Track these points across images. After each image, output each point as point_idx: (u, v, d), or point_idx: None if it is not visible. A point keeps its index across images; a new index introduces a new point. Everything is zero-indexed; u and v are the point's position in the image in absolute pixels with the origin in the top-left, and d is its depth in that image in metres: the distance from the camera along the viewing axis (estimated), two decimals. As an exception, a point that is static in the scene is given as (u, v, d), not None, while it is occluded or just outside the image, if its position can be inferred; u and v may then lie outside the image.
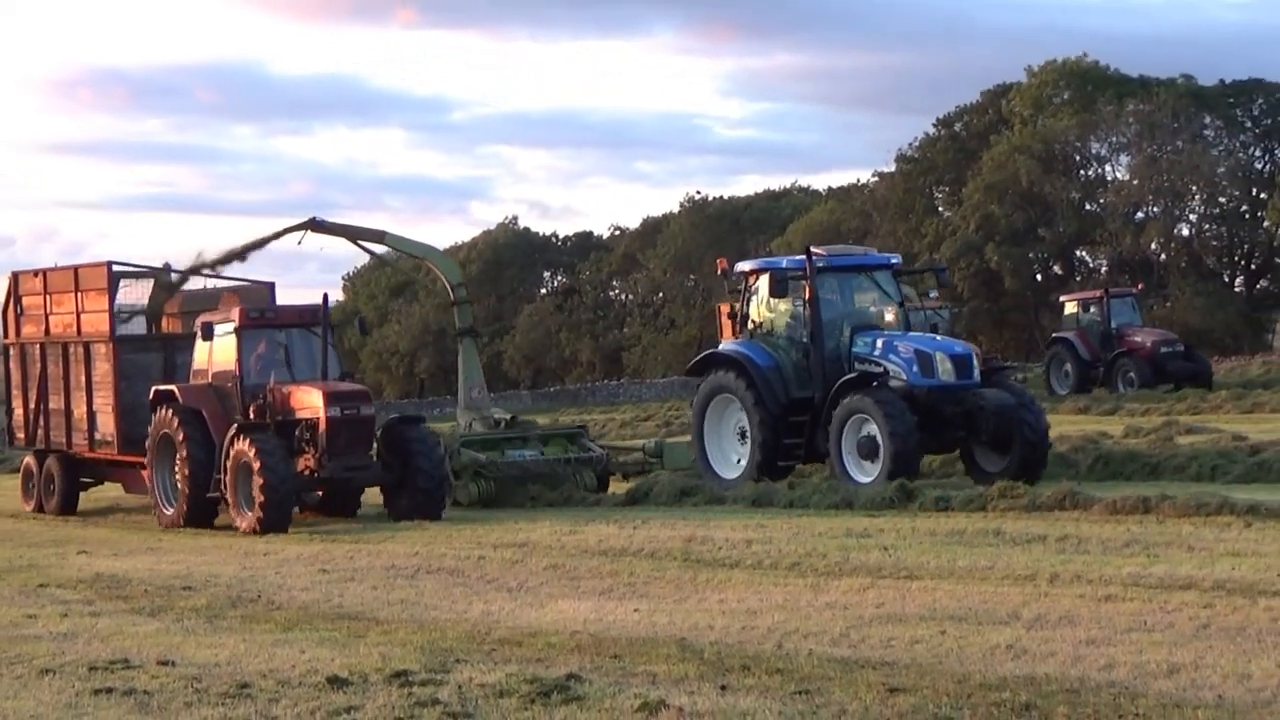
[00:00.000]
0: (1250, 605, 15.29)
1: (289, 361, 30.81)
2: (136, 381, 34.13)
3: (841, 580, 18.69)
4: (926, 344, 31.18)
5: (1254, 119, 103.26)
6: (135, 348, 35.51)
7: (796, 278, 31.77)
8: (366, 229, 39.18)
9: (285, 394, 29.94)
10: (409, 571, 22.06)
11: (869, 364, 30.75)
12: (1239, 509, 23.06)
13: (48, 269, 38.37)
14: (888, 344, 30.88)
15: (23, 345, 38.27)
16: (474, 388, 37.94)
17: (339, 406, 29.27)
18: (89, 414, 35.43)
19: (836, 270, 32.25)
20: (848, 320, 31.73)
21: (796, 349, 31.77)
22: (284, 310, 32.67)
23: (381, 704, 12.73)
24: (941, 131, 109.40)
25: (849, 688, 12.53)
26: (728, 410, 32.38)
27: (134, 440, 33.49)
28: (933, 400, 29.89)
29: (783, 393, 31.34)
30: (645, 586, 19.32)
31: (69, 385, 36.07)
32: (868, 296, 32.74)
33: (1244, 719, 10.96)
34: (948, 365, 30.31)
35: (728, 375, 32.02)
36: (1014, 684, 12.43)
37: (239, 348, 30.60)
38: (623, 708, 12.11)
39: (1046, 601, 16.26)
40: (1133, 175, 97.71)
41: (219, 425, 30.12)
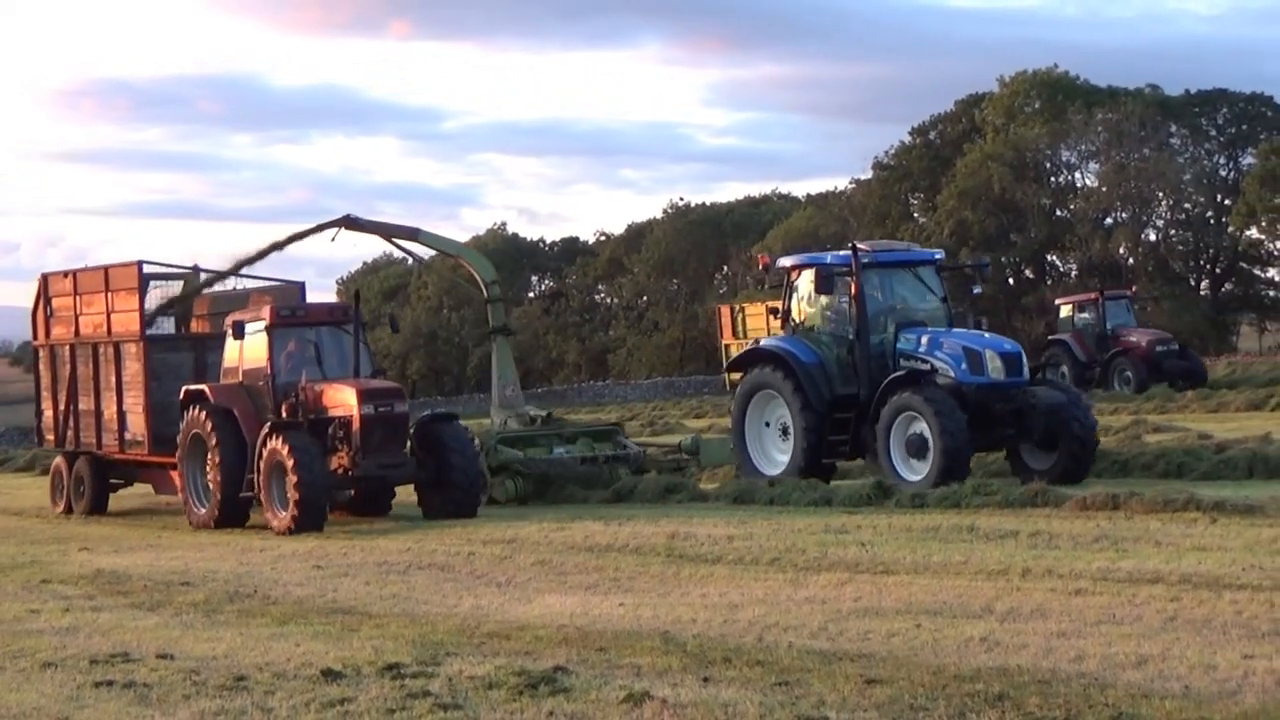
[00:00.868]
0: (1216, 598, 15.31)
1: (319, 359, 29.86)
2: (167, 381, 33.36)
3: (820, 575, 18.68)
4: (975, 341, 30.07)
5: (1219, 128, 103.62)
6: (165, 347, 34.80)
7: (842, 273, 30.43)
8: (400, 226, 38.12)
9: (318, 392, 29.03)
10: (401, 567, 22.04)
11: (914, 360, 29.68)
12: (1205, 505, 23.07)
13: (77, 270, 37.29)
14: (933, 340, 29.78)
15: (52, 346, 37.28)
16: (508, 385, 36.84)
17: (373, 404, 28.37)
18: (119, 414, 34.44)
19: (881, 266, 31.01)
20: (892, 316, 30.60)
21: (840, 345, 30.58)
22: (315, 308, 32.06)
23: (374, 696, 12.71)
24: (917, 140, 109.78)
25: (827, 679, 12.53)
26: (769, 407, 31.26)
27: (164, 440, 32.49)
28: (982, 398, 28.80)
29: (827, 389, 30.24)
30: (630, 581, 19.31)
31: (99, 386, 35.14)
32: (912, 292, 31.46)
33: (1210, 709, 10.96)
34: (997, 363, 29.26)
35: (771, 372, 30.92)
36: (987, 675, 12.43)
37: (270, 346, 29.67)
38: (608, 699, 12.10)
39: (1019, 595, 16.27)
40: (1101, 182, 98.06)
41: (251, 424, 29.24)
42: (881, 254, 31.31)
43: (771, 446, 31.32)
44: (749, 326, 64.28)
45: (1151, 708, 11.04)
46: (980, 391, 28.77)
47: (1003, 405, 29.04)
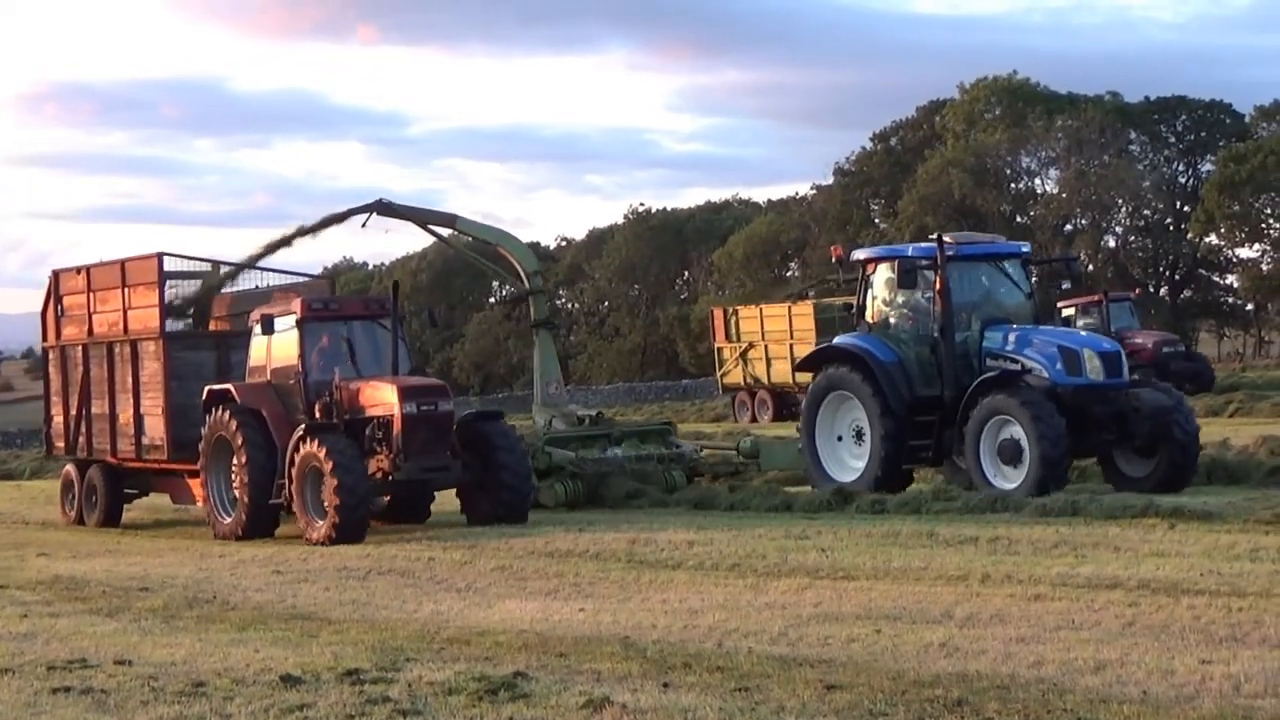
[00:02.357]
0: (1174, 604, 15.36)
1: (353, 356, 27.99)
2: (188, 381, 31.13)
3: (780, 581, 18.70)
4: (1071, 339, 28.48)
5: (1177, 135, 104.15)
6: (186, 345, 32.40)
7: (925, 267, 28.45)
8: (437, 212, 36.44)
9: (354, 390, 27.10)
10: (360, 573, 21.99)
11: (1002, 360, 27.85)
12: (1163, 511, 23.16)
13: (91, 265, 34.72)
14: (1021, 338, 27.95)
15: (63, 348, 34.96)
16: (551, 383, 35.20)
17: (415, 402, 26.42)
18: (136, 418, 32.11)
19: (966, 259, 29.00)
20: (976, 312, 28.73)
21: (921, 344, 28.68)
22: (349, 301, 30.53)
23: (333, 701, 12.68)
24: (878, 146, 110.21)
25: (787, 685, 12.54)
26: (842, 409, 29.28)
27: (185, 445, 30.51)
28: (1079, 400, 26.93)
29: (907, 391, 28.34)
30: (590, 587, 19.30)
31: (114, 388, 32.85)
32: (997, 287, 29.54)
33: (1167, 713, 11.00)
34: (1096, 363, 27.38)
35: (846, 372, 28.92)
36: (946, 681, 12.46)
37: (302, 342, 27.73)
38: (568, 705, 12.10)
39: (978, 601, 16.30)
40: (1061, 188, 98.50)
41: (281, 426, 27.36)
42: (967, 246, 29.52)
43: (845, 452, 29.45)
44: (742, 330, 64.33)
45: (1109, 713, 11.08)
46: (1078, 394, 27.03)
47: (1102, 408, 27.25)
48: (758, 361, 63.34)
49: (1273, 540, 19.55)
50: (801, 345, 60.73)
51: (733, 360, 64.50)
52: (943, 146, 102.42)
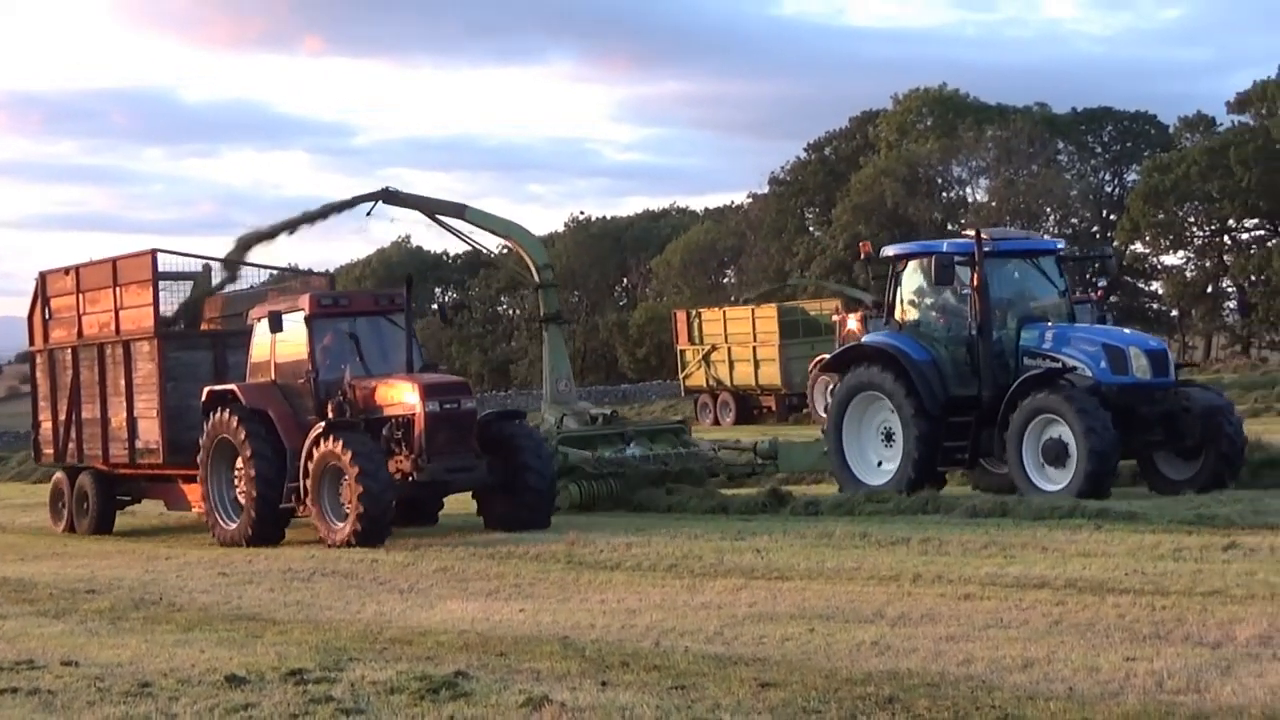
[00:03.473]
0: (1099, 602, 15.42)
1: (360, 353, 26.42)
2: (184, 383, 29.64)
3: (716, 581, 18.72)
4: (1115, 337, 27.34)
5: (1104, 145, 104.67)
6: (181, 345, 30.60)
7: (961, 263, 27.14)
8: (445, 201, 34.47)
9: (369, 389, 25.67)
10: (305, 574, 21.93)
11: (1041, 358, 26.66)
12: (1089, 512, 23.26)
13: (80, 265, 32.78)
14: (1059, 336, 26.82)
15: (51, 351, 33.03)
16: (561, 379, 33.86)
17: (438, 400, 24.98)
18: (129, 421, 30.50)
19: (1003, 255, 27.80)
20: (1012, 310, 27.51)
21: (955, 342, 27.49)
22: (359, 296, 28.78)
23: (277, 701, 12.64)
24: (813, 156, 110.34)
25: (723, 683, 12.55)
26: (870, 409, 28.03)
27: (181, 448, 28.96)
28: (1125, 400, 25.75)
29: (941, 390, 27.08)
30: (530, 587, 19.29)
31: (105, 391, 31.15)
32: (1033, 284, 28.32)
33: (1092, 709, 11.04)
34: (1143, 361, 26.21)
35: (877, 371, 27.59)
36: (878, 678, 12.48)
37: (311, 339, 26.26)
38: (508, 703, 12.08)
39: (909, 600, 16.35)
40: (991, 197, 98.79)
41: (289, 427, 25.96)
42: (1004, 242, 28.23)
43: (873, 454, 28.22)
44: (705, 332, 64.11)
45: (1037, 709, 11.12)
46: (1124, 392, 25.86)
47: (1149, 408, 26.12)
48: (720, 364, 63.09)
49: (1195, 540, 19.66)
50: (764, 347, 60.79)
51: (695, 363, 64.20)
52: (875, 156, 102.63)
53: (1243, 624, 13.76)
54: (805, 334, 60.94)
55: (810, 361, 57.23)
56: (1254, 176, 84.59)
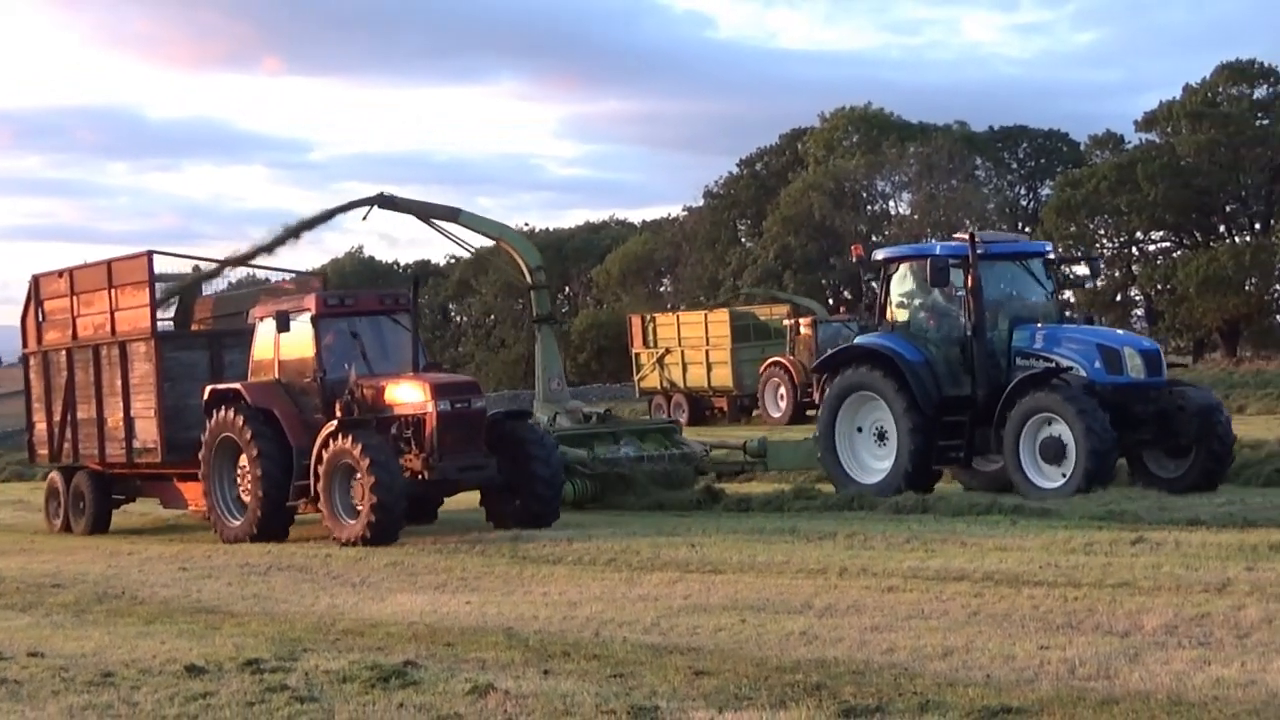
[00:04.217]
0: (1015, 594, 15.46)
1: (364, 352, 25.44)
2: (181, 382, 28.59)
3: (653, 574, 18.70)
4: (1109, 338, 26.91)
5: (1019, 161, 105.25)
6: (179, 345, 29.44)
7: (956, 265, 26.47)
8: (439, 206, 33.21)
9: (378, 388, 24.65)
10: (261, 569, 21.84)
11: (1033, 358, 26.00)
12: (1006, 508, 23.37)
13: (74, 267, 31.65)
14: (1050, 336, 26.19)
15: (45, 353, 31.76)
16: (553, 379, 32.59)
17: (449, 400, 24.12)
18: (126, 421, 29.34)
19: (995, 258, 26.99)
20: (1004, 311, 26.78)
21: (948, 343, 26.79)
22: (364, 296, 27.42)
23: (235, 690, 12.58)
24: (744, 171, 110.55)
25: (659, 671, 12.54)
26: (862, 409, 27.27)
27: (179, 447, 27.98)
28: (1120, 399, 25.12)
29: (935, 390, 26.37)
30: (476, 581, 19.25)
31: (101, 392, 29.95)
32: (1023, 286, 27.56)
33: (1009, 695, 11.07)
34: (1137, 361, 25.64)
35: (869, 372, 26.88)
36: (806, 667, 12.49)
37: (317, 338, 25.28)
38: (455, 691, 12.05)
39: (836, 592, 16.35)
40: (913, 210, 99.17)
41: (294, 426, 24.98)
42: (996, 245, 27.49)
43: (866, 453, 27.43)
44: (659, 336, 63.73)
45: (956, 695, 11.14)
46: (1118, 392, 25.26)
47: (1143, 407, 25.53)
48: (674, 366, 62.72)
49: (1105, 535, 19.73)
50: (717, 350, 60.54)
51: (650, 365, 63.90)
52: (804, 171, 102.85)
53: (1150, 614, 13.82)
54: (756, 338, 60.80)
55: (761, 364, 57.21)
56: (1160, 191, 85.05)
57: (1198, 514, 21.46)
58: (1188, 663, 11.80)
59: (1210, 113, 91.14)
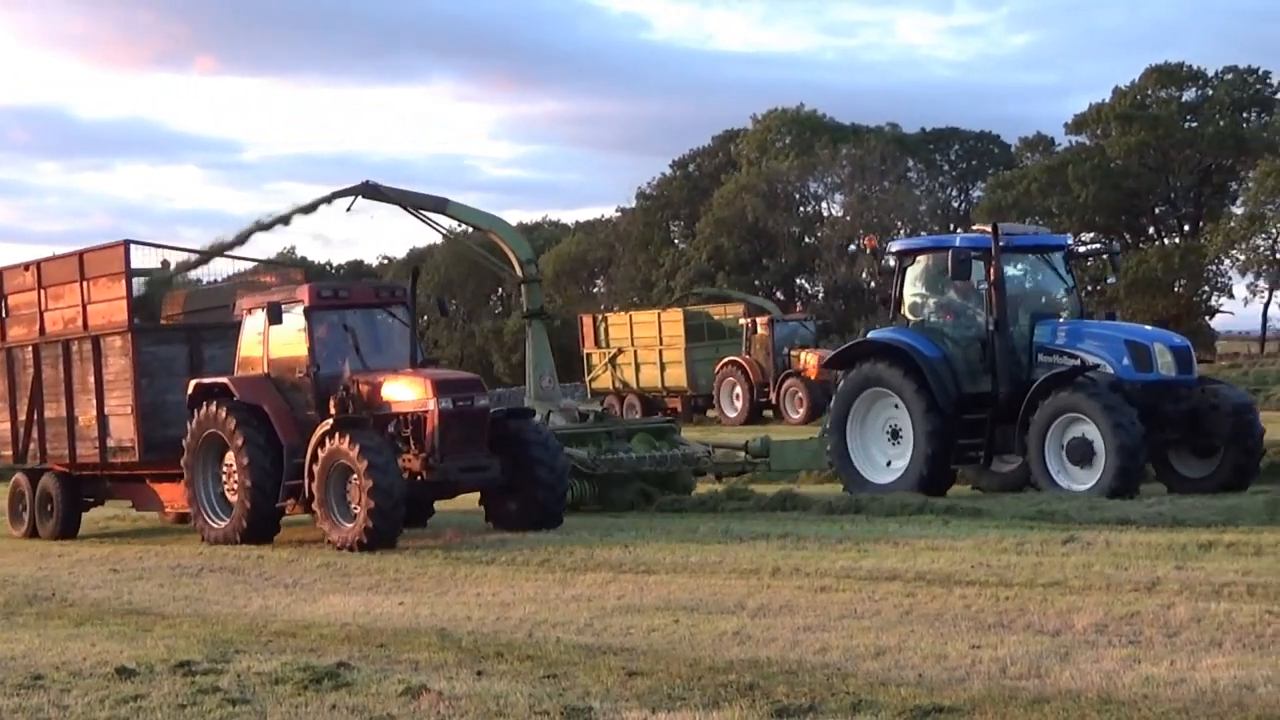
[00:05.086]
0: (947, 594, 15.51)
1: (358, 347, 24.01)
2: (159, 378, 27.00)
3: (587, 575, 18.69)
4: (1139, 334, 25.69)
5: (951, 163, 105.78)
6: (156, 339, 27.56)
7: (978, 258, 25.35)
8: (426, 196, 31.77)
9: (375, 384, 23.31)
10: (194, 570, 21.73)
11: (1056, 355, 24.95)
12: (938, 509, 23.45)
13: (41, 260, 29.78)
14: (1073, 332, 25.13)
15: (9, 350, 29.86)
16: (544, 375, 31.45)
17: (450, 398, 22.70)
18: (100, 420, 27.62)
19: (1016, 250, 25.96)
20: (1024, 306, 25.74)
21: (967, 338, 25.73)
22: (359, 289, 25.84)
23: (166, 692, 12.50)
24: (677, 172, 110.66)
25: (592, 671, 12.53)
26: (875, 407, 26.16)
27: (157, 445, 26.51)
28: (1150, 397, 23.96)
29: (953, 387, 25.27)
30: (410, 582, 19.19)
31: (72, 389, 28.20)
32: (1045, 280, 26.55)
33: (940, 695, 11.11)
34: (1168, 358, 24.53)
35: (886, 368, 25.72)
36: (739, 667, 12.50)
37: (310, 332, 23.95)
38: (388, 692, 12.01)
39: (769, 593, 16.37)
40: (846, 212, 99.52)
41: (285, 423, 23.64)
42: (1017, 237, 26.24)
43: (879, 453, 26.34)
44: (611, 336, 63.32)
45: (888, 695, 11.17)
46: (1148, 390, 24.11)
47: (1173, 405, 24.32)
48: (626, 367, 62.33)
49: (1036, 535, 19.83)
50: (670, 350, 60.28)
51: (601, 366, 63.50)
52: (737, 173, 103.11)
53: (1080, 613, 13.88)
54: (710, 337, 60.59)
55: (716, 364, 57.01)
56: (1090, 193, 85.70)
57: (1127, 514, 21.56)
58: (1118, 661, 11.86)
59: (1139, 115, 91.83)
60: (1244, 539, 18.22)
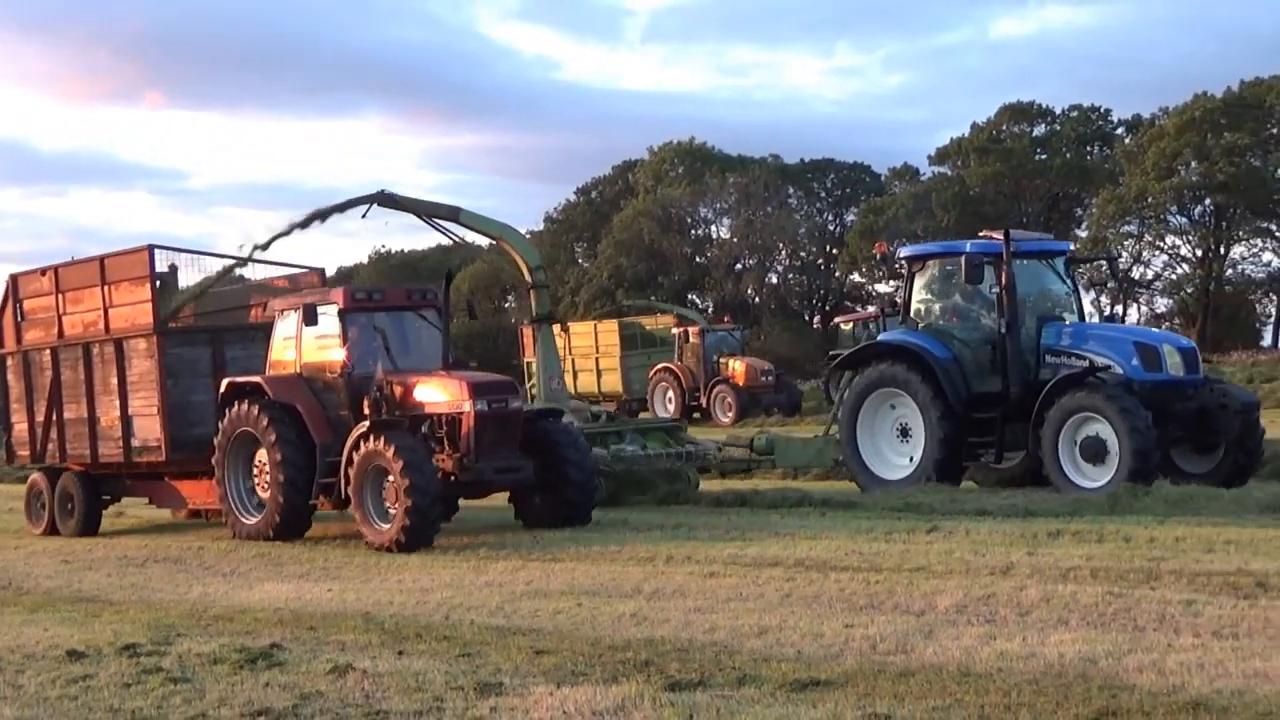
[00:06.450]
0: (823, 578, 15.54)
1: (389, 349, 22.55)
2: (184, 379, 25.61)
3: (498, 563, 18.65)
4: (1147, 336, 24.93)
5: (827, 190, 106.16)
6: (181, 341, 25.91)
7: (989, 263, 24.22)
8: (439, 204, 29.81)
9: (408, 386, 21.94)
10: (139, 560, 21.53)
11: (1063, 355, 23.97)
12: (815, 501, 23.55)
13: (59, 265, 28.01)
14: (1077, 334, 24.22)
15: (25, 353, 28.15)
16: (553, 378, 29.77)
17: (486, 399, 21.36)
18: (124, 420, 26.07)
19: (1023, 255, 24.65)
20: (1031, 309, 24.63)
21: (976, 340, 24.75)
22: (392, 291, 24.27)
23: (113, 672, 12.38)
24: (581, 198, 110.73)
25: (503, 650, 12.49)
26: (884, 406, 25.22)
27: (183, 444, 25.31)
28: (1159, 397, 22.99)
29: (964, 387, 24.36)
30: (337, 570, 19.10)
31: (92, 390, 26.66)
32: (1050, 284, 25.41)
33: (817, 669, 11.13)
34: (1176, 359, 23.50)
35: (897, 368, 24.80)
36: (636, 645, 12.49)
37: (344, 334, 22.70)
38: (317, 671, 11.94)
39: (662, 578, 16.36)
40: (733, 234, 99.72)
41: (317, 422, 22.39)
42: (1025, 243, 25.00)
43: (889, 450, 25.36)
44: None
45: (770, 669, 11.19)
46: (1157, 390, 23.10)
47: (1183, 405, 23.34)
48: (565, 374, 61.83)
49: (903, 525, 19.93)
50: (606, 358, 59.77)
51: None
52: (635, 199, 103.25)
53: (942, 595, 13.96)
54: (643, 346, 60.25)
55: (649, 370, 56.65)
56: (951, 218, 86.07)
57: (985, 506, 21.71)
58: (976, 638, 11.93)
59: (995, 148, 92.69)
60: (1088, 528, 18.38)
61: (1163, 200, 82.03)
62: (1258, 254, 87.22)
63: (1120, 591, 13.65)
